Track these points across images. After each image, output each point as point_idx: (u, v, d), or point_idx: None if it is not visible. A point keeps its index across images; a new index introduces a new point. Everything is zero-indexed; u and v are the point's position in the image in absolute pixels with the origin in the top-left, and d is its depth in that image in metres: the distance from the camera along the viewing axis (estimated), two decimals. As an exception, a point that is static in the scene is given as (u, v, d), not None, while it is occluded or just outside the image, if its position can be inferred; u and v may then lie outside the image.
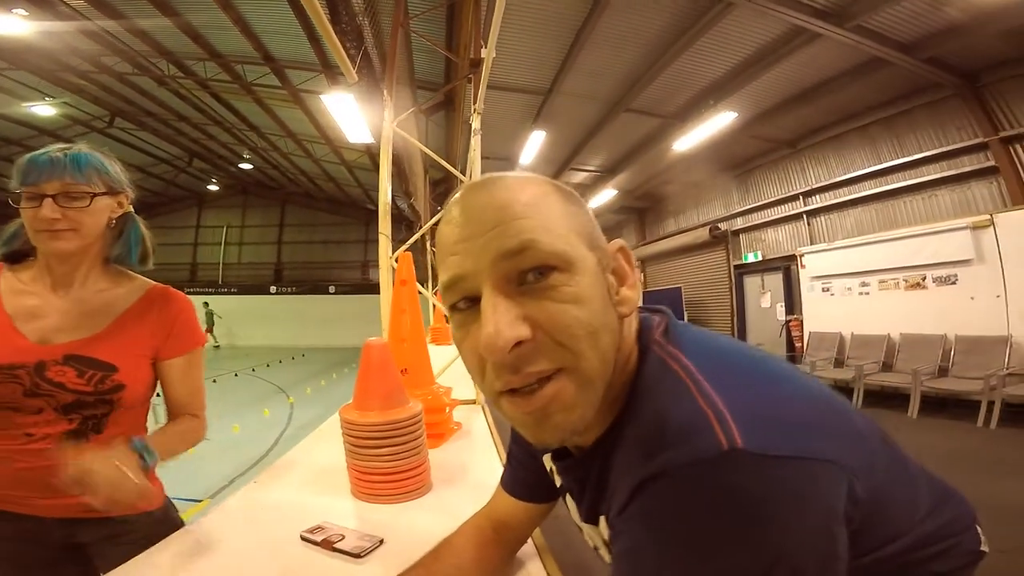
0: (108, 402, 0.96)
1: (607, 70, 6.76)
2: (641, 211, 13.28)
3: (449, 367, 2.21)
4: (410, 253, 1.55)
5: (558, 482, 0.63)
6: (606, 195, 11.08)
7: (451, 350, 4.51)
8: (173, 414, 1.08)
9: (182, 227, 20.52)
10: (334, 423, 1.81)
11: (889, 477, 0.48)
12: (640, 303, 0.50)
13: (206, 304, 15.77)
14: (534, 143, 8.44)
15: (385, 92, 3.22)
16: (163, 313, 1.04)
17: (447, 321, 0.49)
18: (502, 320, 0.40)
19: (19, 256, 1.02)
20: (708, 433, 0.36)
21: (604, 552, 0.56)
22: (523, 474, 0.72)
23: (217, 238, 20.26)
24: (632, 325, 0.49)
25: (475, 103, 3.44)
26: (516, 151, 9.00)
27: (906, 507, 0.51)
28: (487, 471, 1.32)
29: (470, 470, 1.31)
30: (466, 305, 0.44)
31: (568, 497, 0.61)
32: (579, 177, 11.10)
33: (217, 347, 16.13)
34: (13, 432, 0.91)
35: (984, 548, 0.59)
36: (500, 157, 9.42)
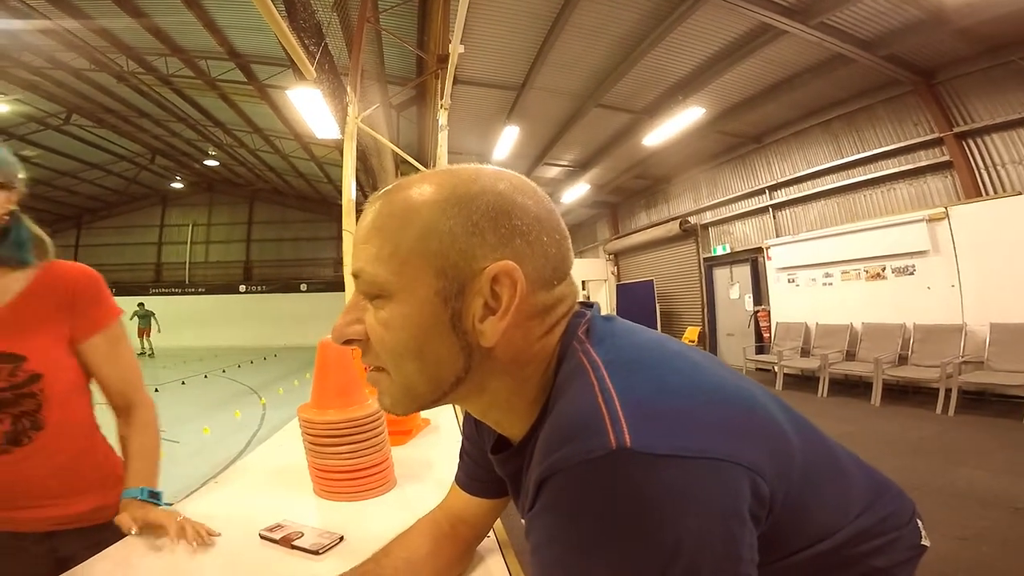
0: (30, 395, 0.88)
1: (579, 65, 6.81)
2: (614, 205, 13.40)
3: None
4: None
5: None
6: (580, 190, 11.13)
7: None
8: (113, 403, 1.01)
9: (145, 226, 19.90)
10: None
11: (815, 474, 0.48)
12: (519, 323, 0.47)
13: (141, 305, 14.66)
14: (507, 138, 8.43)
15: (348, 88, 3.17)
16: (65, 288, 0.95)
17: None
18: (343, 321, 0.49)
19: None
20: (600, 431, 0.36)
21: None
22: (474, 469, 0.73)
23: (183, 237, 19.71)
24: (557, 328, 0.49)
25: (441, 98, 3.42)
26: (489, 147, 8.98)
27: (837, 502, 0.51)
28: (452, 467, 1.32)
29: (435, 466, 1.32)
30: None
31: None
32: (553, 172, 11.13)
33: (150, 355, 14.03)
34: None
35: (925, 542, 0.59)
36: (473, 153, 9.39)
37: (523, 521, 0.58)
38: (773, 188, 8.70)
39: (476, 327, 0.45)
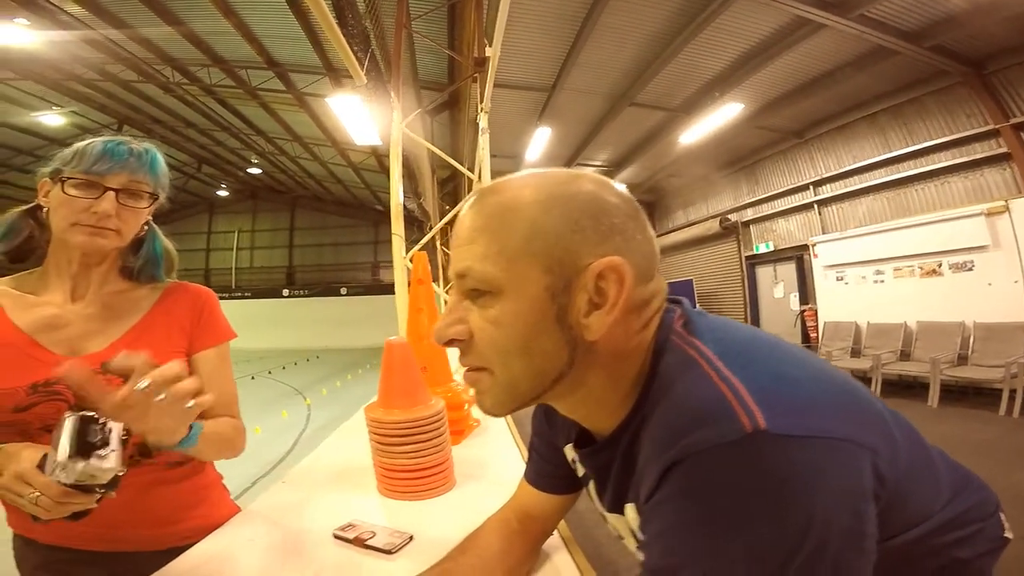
0: None
1: (611, 65, 6.74)
2: (650, 204, 13.22)
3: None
4: (425, 253, 1.56)
5: (580, 471, 0.65)
6: (614, 190, 11.04)
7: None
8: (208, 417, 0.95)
9: (194, 233, 20.83)
10: (356, 422, 1.83)
11: (911, 461, 0.48)
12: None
13: None
14: (540, 140, 8.42)
15: (392, 94, 3.24)
16: (188, 305, 0.96)
17: None
18: (444, 320, 0.50)
19: (19, 256, 0.89)
20: (731, 417, 0.38)
21: (629, 541, 0.57)
22: (545, 466, 0.74)
23: (229, 243, 20.51)
24: (652, 322, 0.51)
25: (482, 102, 3.44)
26: (522, 148, 8.99)
27: (929, 492, 0.52)
28: (508, 467, 1.33)
29: (491, 466, 1.32)
30: (477, 295, 0.51)
31: (591, 487, 0.62)
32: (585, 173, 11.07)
33: None
34: None
35: (1008, 535, 0.59)
36: (506, 155, 9.42)
37: (604, 512, 0.60)
38: (818, 184, 8.42)
39: (581, 322, 0.47)
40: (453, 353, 0.56)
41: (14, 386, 0.78)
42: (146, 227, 0.93)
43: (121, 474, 0.65)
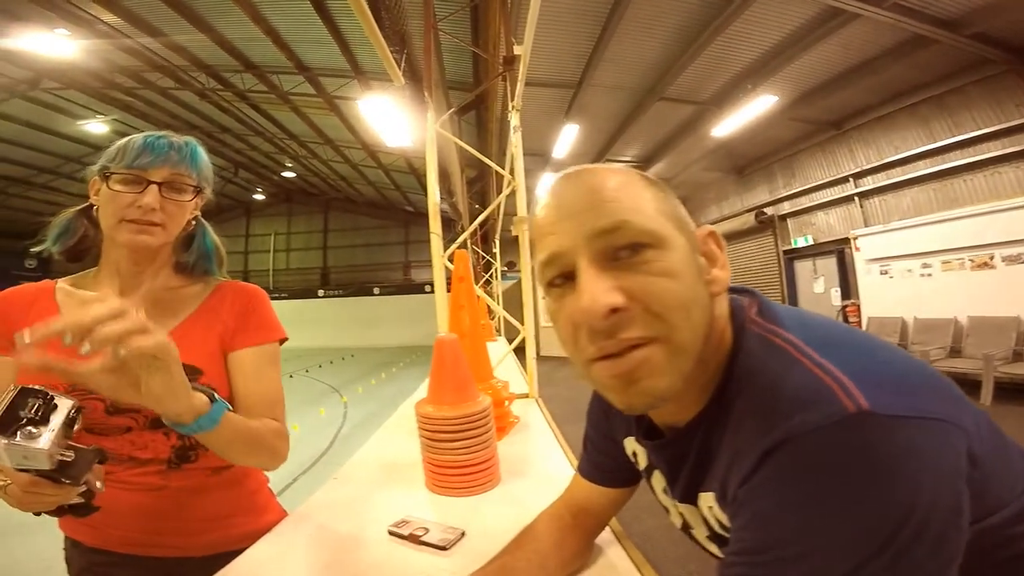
0: None
1: (637, 59, 6.66)
2: (682, 199, 12.78)
3: (502, 362, 2.23)
4: (466, 251, 1.57)
5: (642, 464, 0.65)
6: (644, 185, 10.91)
7: (499, 346, 4.54)
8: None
9: (233, 236, 21.51)
10: (399, 418, 1.87)
11: (991, 446, 0.47)
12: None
13: None
14: (567, 136, 8.38)
15: (426, 94, 3.27)
16: (234, 302, 0.92)
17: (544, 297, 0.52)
18: (598, 288, 0.43)
19: (75, 255, 0.89)
20: (832, 399, 0.38)
21: (699, 530, 0.56)
22: (600, 459, 0.74)
23: (266, 246, 21.12)
24: (723, 307, 0.51)
25: (512, 100, 3.44)
26: (549, 146, 8.96)
27: (1006, 479, 0.50)
28: (551, 462, 1.34)
29: (534, 462, 1.33)
30: (561, 281, 0.47)
31: (654, 478, 0.62)
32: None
33: None
34: (114, 462, 0.78)
35: None
36: (534, 153, 9.41)
37: (671, 503, 0.59)
38: (858, 176, 8.14)
39: (712, 274, 0.49)
40: (493, 349, 0.55)
41: (63, 383, 0.75)
42: (194, 222, 0.92)
43: (69, 459, 0.60)
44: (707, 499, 0.51)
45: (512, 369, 3.13)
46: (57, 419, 0.59)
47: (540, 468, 1.29)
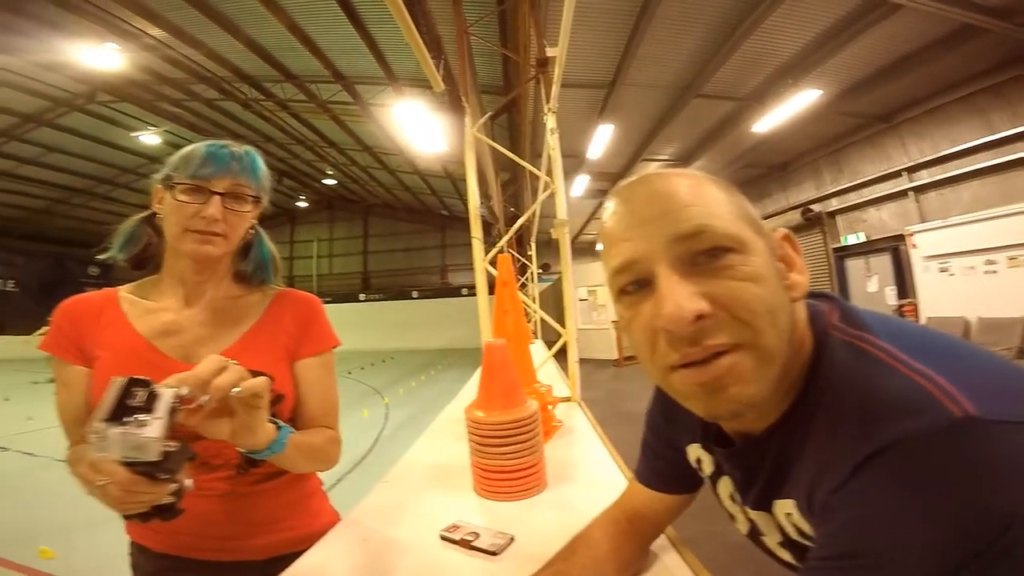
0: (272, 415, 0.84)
1: (672, 56, 6.56)
2: None
3: (543, 366, 2.22)
4: (509, 255, 1.57)
5: (707, 471, 0.63)
6: (683, 184, 10.71)
7: (536, 349, 4.53)
8: (305, 427, 0.92)
9: (278, 243, 21.19)
10: (443, 423, 1.88)
11: None
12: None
13: None
14: (602, 137, 8.33)
15: (464, 99, 3.31)
16: (297, 313, 0.94)
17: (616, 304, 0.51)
18: (681, 294, 0.42)
19: (140, 263, 0.91)
20: (935, 405, 0.37)
21: (771, 537, 0.55)
22: (660, 465, 0.73)
23: (309, 252, 21.81)
24: (802, 312, 0.50)
25: (547, 102, 3.43)
26: (583, 146, 8.91)
27: None
28: (598, 467, 1.32)
29: (580, 466, 1.32)
30: (635, 288, 0.47)
31: (720, 485, 0.61)
32: (653, 167, 10.76)
33: None
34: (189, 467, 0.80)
35: None
36: (568, 154, 9.36)
37: (740, 510, 0.58)
38: (912, 170, 7.77)
39: (791, 278, 0.48)
40: (535, 351, 0.54)
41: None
42: (252, 231, 0.94)
43: (173, 450, 0.60)
44: (785, 506, 0.50)
45: (551, 372, 3.11)
46: (162, 408, 0.59)
47: (587, 472, 1.27)
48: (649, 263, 0.45)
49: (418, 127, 8.52)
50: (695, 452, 0.65)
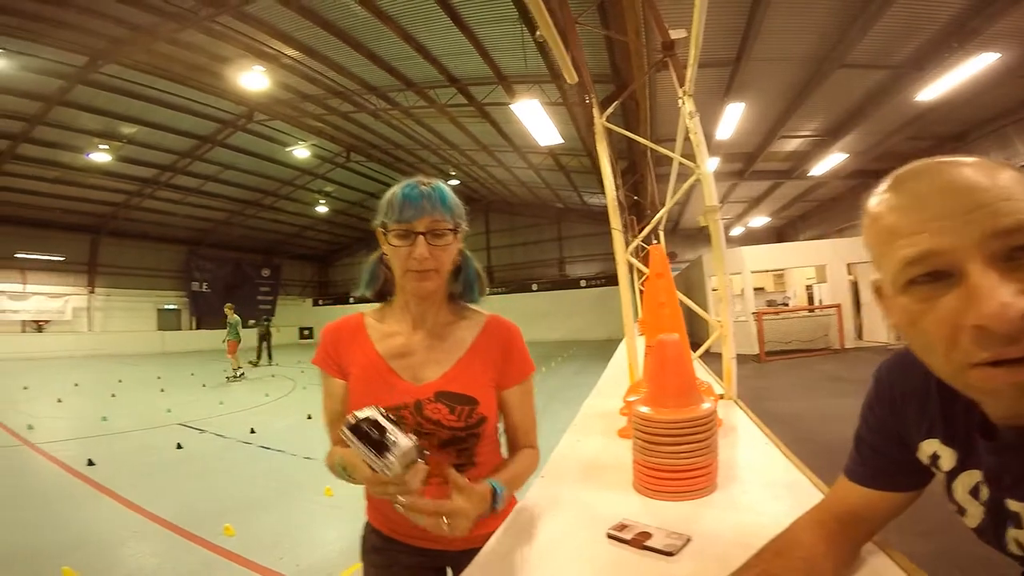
0: (476, 435, 0.99)
1: (801, 28, 6.06)
2: (884, 173, 11.19)
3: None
4: (662, 245, 1.51)
5: (947, 466, 0.61)
6: (833, 160, 9.69)
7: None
8: (511, 443, 1.09)
9: None
10: (585, 418, 1.87)
11: None
12: None
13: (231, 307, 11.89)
14: (731, 116, 7.86)
15: (589, 89, 3.27)
16: (502, 342, 1.04)
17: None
18: (1004, 292, 0.41)
19: (380, 296, 1.07)
20: None
21: None
22: (881, 462, 0.69)
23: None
24: None
25: (682, 85, 3.27)
26: (709, 127, 8.41)
27: None
28: (772, 467, 1.25)
29: (750, 467, 1.25)
30: (928, 280, 0.45)
31: (959, 479, 0.59)
32: (793, 144, 9.89)
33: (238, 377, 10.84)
34: None
35: None
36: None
37: (975, 504, 0.57)
38: None
39: None
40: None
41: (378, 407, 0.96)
42: (460, 255, 1.04)
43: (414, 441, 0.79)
44: None
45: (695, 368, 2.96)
46: (389, 426, 0.77)
47: (757, 473, 1.20)
48: (955, 257, 0.43)
49: (534, 121, 8.65)
50: (931, 447, 0.62)
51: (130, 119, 12.21)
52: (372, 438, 0.76)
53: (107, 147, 13.03)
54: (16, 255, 17.02)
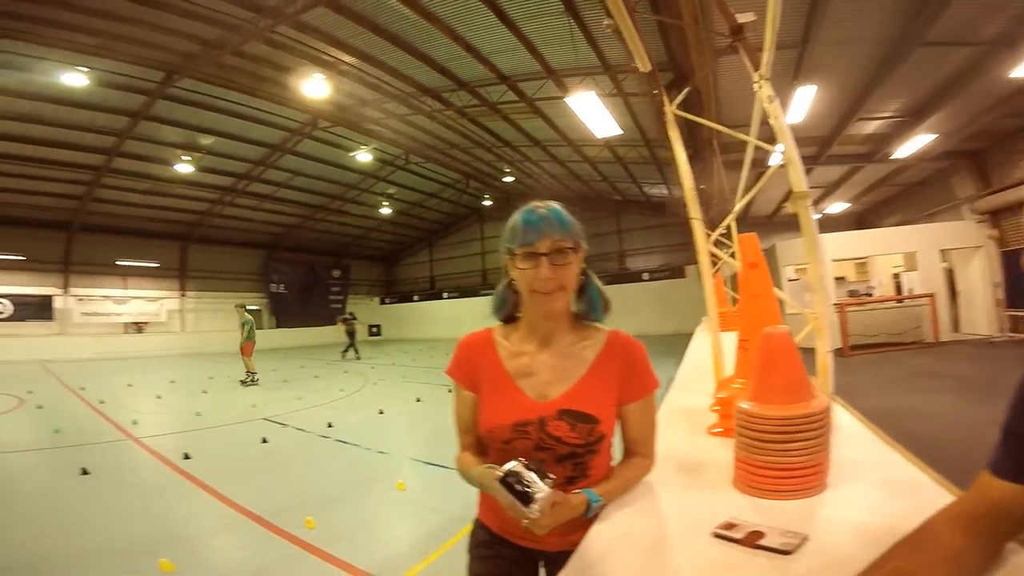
0: (593, 451, 1.02)
1: (871, 6, 5.73)
2: (978, 153, 10.29)
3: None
4: (755, 234, 1.44)
5: None
6: (920, 141, 9.01)
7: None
8: (627, 451, 1.11)
9: (470, 240, 25.16)
10: (669, 414, 1.83)
11: None
12: None
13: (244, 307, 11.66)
14: (803, 99, 7.56)
15: (657, 78, 3.19)
16: (624, 360, 1.05)
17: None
18: None
19: (509, 319, 1.12)
20: None
21: None
22: None
23: (496, 247, 23.75)
24: None
25: (759, 69, 3.14)
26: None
27: None
28: (884, 466, 1.19)
29: (860, 465, 1.18)
30: None
31: None
32: (872, 127, 9.24)
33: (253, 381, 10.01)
34: None
35: None
36: (762, 121, 8.50)
37: None
38: None
39: None
40: (727, 342, 0.45)
41: (504, 423, 1.02)
42: (583, 276, 1.07)
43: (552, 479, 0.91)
44: None
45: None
46: (532, 478, 0.89)
47: (869, 471, 1.14)
48: None
49: (591, 113, 8.53)
50: None
51: (206, 130, 13.11)
52: (517, 491, 0.87)
53: (189, 158, 14.01)
54: (117, 262, 18.64)
